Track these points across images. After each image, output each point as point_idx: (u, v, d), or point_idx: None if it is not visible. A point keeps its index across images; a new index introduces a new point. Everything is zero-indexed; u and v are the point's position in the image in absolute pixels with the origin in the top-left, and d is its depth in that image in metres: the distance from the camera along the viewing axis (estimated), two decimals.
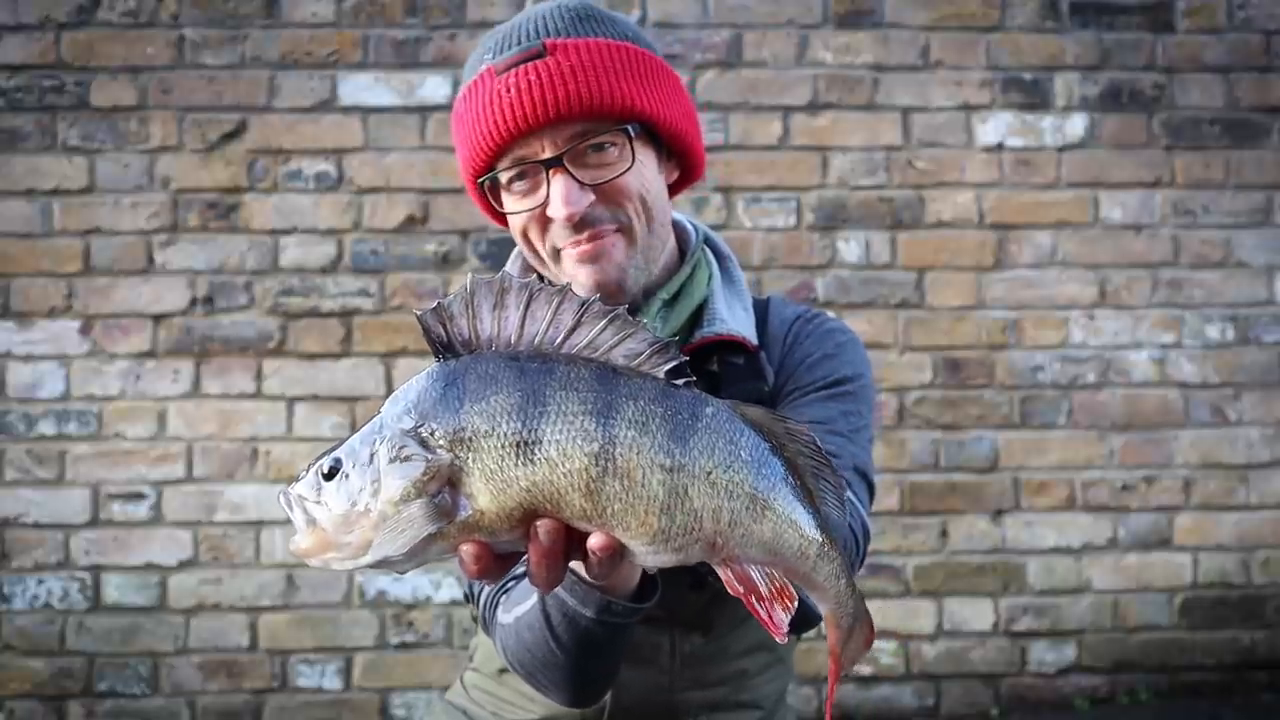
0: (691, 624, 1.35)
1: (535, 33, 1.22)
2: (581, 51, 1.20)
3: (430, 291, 3.12)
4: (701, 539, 0.88)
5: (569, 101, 1.18)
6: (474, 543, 0.87)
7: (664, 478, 0.86)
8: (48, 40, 3.09)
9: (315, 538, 0.87)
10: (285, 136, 3.12)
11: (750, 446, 0.89)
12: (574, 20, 1.23)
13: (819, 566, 0.91)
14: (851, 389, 1.34)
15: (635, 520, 0.86)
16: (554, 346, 0.88)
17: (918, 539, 3.17)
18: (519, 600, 1.14)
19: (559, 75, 1.18)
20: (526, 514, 0.86)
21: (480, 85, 1.23)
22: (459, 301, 0.88)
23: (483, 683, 1.49)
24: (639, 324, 0.89)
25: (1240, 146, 3.26)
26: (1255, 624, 3.21)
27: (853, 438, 1.30)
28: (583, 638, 1.08)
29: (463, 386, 0.86)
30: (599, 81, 1.19)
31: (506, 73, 1.20)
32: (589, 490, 0.85)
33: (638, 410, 0.86)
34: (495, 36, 1.26)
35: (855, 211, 3.21)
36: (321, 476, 0.87)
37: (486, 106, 1.21)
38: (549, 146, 1.20)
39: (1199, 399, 3.23)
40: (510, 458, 0.85)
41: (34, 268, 3.07)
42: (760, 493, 0.89)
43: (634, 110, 1.21)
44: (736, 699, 1.40)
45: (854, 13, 3.22)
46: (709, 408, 0.89)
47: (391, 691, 3.07)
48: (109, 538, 3.04)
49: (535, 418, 0.85)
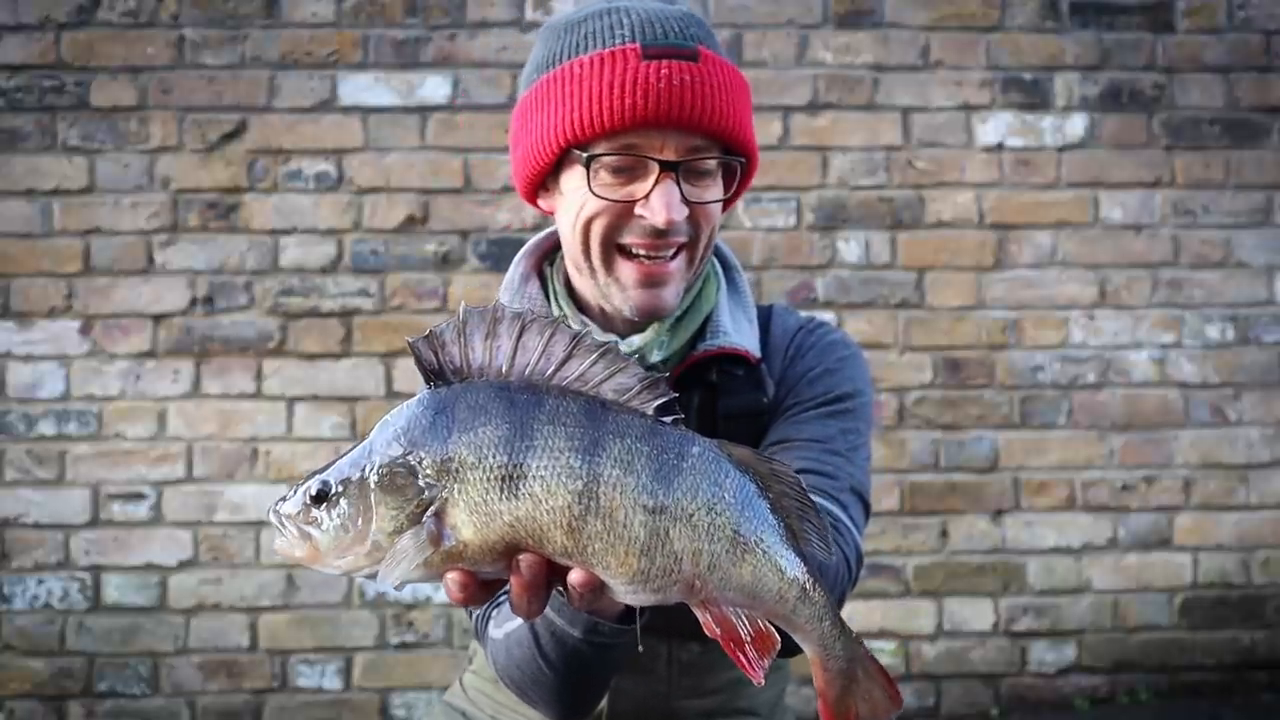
0: (688, 632, 1.34)
1: (683, 31, 1.20)
2: (725, 70, 1.20)
3: (430, 291, 3.12)
4: (680, 581, 0.88)
5: (713, 115, 1.17)
6: (459, 571, 0.87)
7: (646, 519, 0.86)
8: (48, 40, 3.09)
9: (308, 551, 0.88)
10: (285, 136, 3.12)
11: (735, 488, 0.89)
12: (705, 32, 1.23)
13: (799, 609, 0.90)
14: (851, 406, 1.33)
15: (615, 560, 0.86)
16: (544, 378, 0.88)
17: (918, 539, 3.17)
18: (510, 616, 1.14)
19: (710, 85, 1.17)
20: (509, 547, 0.86)
21: (617, 60, 1.17)
22: (451, 329, 0.88)
23: (482, 685, 1.49)
24: (630, 359, 0.90)
25: (1240, 146, 3.26)
26: (1255, 624, 3.21)
27: (850, 457, 1.29)
28: (571, 657, 1.07)
29: (452, 416, 0.86)
30: (734, 107, 1.20)
31: (658, 61, 1.17)
32: (570, 528, 0.85)
33: (623, 448, 0.86)
34: (631, 16, 1.20)
35: (855, 211, 3.21)
36: (310, 498, 0.87)
37: (628, 84, 1.16)
38: (671, 149, 1.18)
39: (1199, 399, 3.23)
40: (495, 491, 0.85)
41: (34, 268, 3.07)
42: (742, 535, 0.88)
43: (748, 145, 1.24)
44: (733, 706, 1.40)
45: (854, 13, 3.22)
46: (695, 447, 0.89)
47: (391, 691, 3.07)
48: (109, 538, 3.04)
49: (522, 452, 0.85)
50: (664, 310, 1.25)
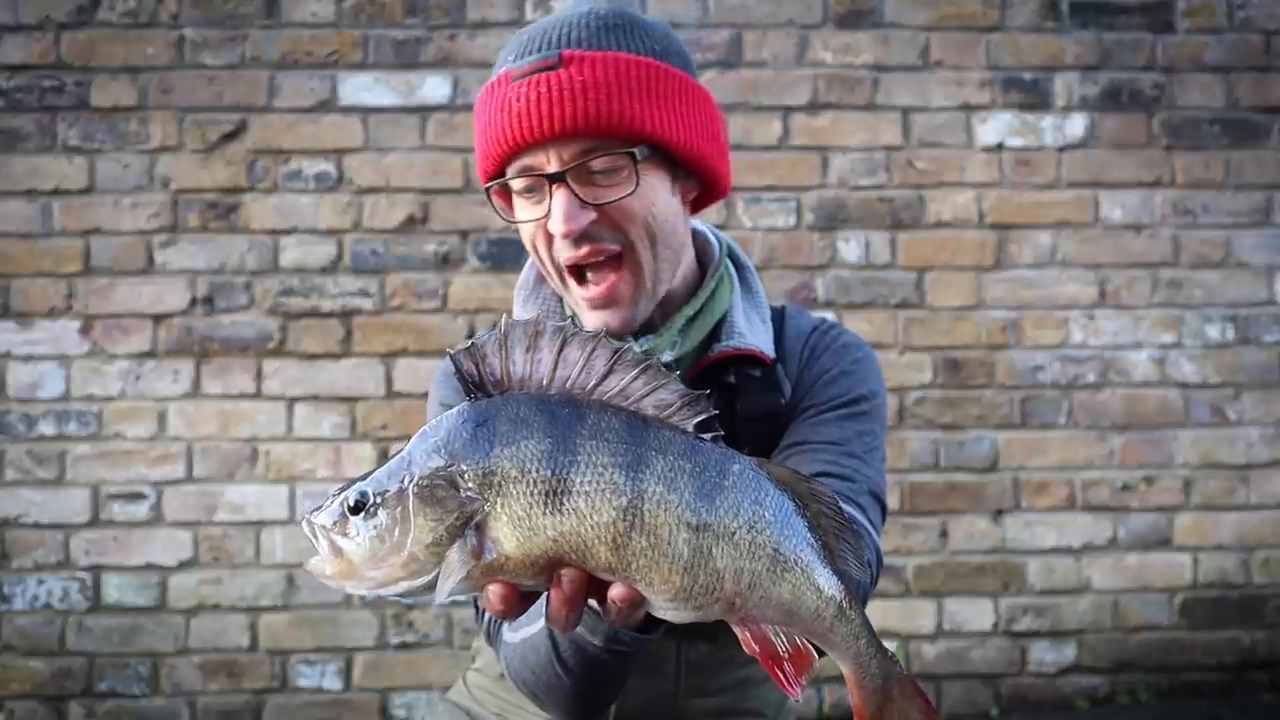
0: (698, 632, 1.34)
1: (557, 41, 1.20)
2: (597, 67, 1.17)
3: (430, 291, 3.12)
4: (721, 599, 0.87)
5: (575, 119, 1.16)
6: (502, 584, 0.87)
7: (689, 536, 0.86)
8: (48, 40, 3.09)
9: (340, 566, 0.87)
10: (285, 136, 3.12)
11: (775, 507, 0.89)
12: (600, 30, 1.20)
13: (836, 627, 0.90)
14: (867, 408, 1.33)
15: (659, 577, 0.86)
16: (585, 392, 0.88)
17: (918, 539, 3.17)
18: (526, 621, 1.13)
19: (569, 91, 1.16)
20: (551, 561, 0.86)
21: (497, 89, 1.21)
22: (492, 341, 0.87)
23: (486, 683, 1.49)
24: (672, 375, 0.89)
25: (1240, 146, 3.26)
26: (1255, 624, 3.21)
27: (867, 459, 1.29)
28: (589, 665, 1.07)
29: (493, 428, 0.86)
30: (609, 100, 1.17)
31: (521, 80, 1.18)
32: (615, 544, 0.85)
33: (667, 465, 0.86)
34: (520, 39, 1.24)
35: (855, 211, 3.21)
36: (347, 509, 0.86)
37: (499, 112, 1.19)
38: (555, 160, 1.18)
39: (1199, 399, 3.23)
40: (539, 505, 0.85)
41: (34, 268, 3.07)
42: (782, 554, 0.88)
43: (643, 132, 1.18)
44: (741, 706, 1.40)
45: (854, 13, 3.22)
46: (736, 464, 0.89)
47: (391, 692, 3.07)
48: (109, 538, 3.04)
49: (565, 466, 0.85)
50: (624, 328, 1.24)
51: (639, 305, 1.24)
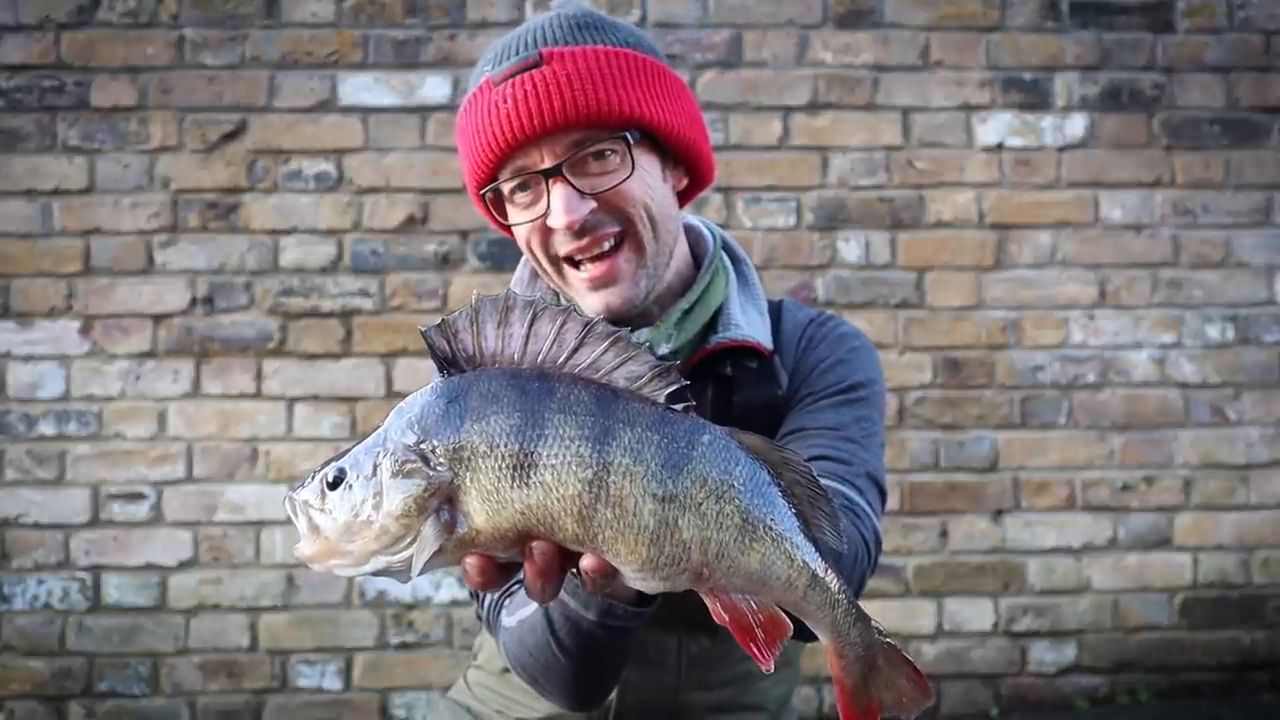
0: (699, 625, 1.35)
1: (533, 42, 1.22)
2: (579, 59, 1.20)
3: (430, 291, 3.12)
4: (689, 569, 0.88)
5: (565, 110, 1.17)
6: (478, 555, 0.88)
7: (655, 507, 0.86)
8: (48, 40, 3.09)
9: (319, 545, 0.89)
10: (285, 137, 3.12)
11: (745, 476, 0.89)
12: (573, 28, 1.23)
13: (810, 596, 0.90)
14: (864, 394, 1.33)
15: (625, 548, 0.87)
16: (556, 365, 0.88)
17: (918, 539, 3.17)
18: (523, 604, 1.15)
19: (555, 84, 1.18)
20: (521, 534, 0.87)
21: (479, 97, 1.23)
22: (464, 318, 0.88)
23: (488, 680, 1.49)
24: (641, 347, 0.90)
25: (1240, 146, 3.26)
26: (1255, 624, 3.21)
27: (865, 444, 1.29)
28: (585, 640, 1.08)
29: (464, 404, 0.87)
30: (596, 89, 1.19)
31: (504, 83, 1.19)
32: (581, 516, 0.86)
33: (634, 437, 0.86)
34: (495, 48, 1.26)
35: (855, 211, 3.21)
36: (326, 485, 0.88)
37: (485, 118, 1.21)
38: (548, 156, 1.20)
39: (1199, 399, 3.23)
40: (506, 479, 0.86)
41: (34, 268, 3.07)
42: (750, 523, 0.88)
43: (632, 117, 1.21)
44: (742, 701, 1.41)
45: (854, 13, 3.22)
46: (706, 435, 0.89)
47: (391, 692, 3.07)
48: (109, 538, 3.04)
49: (533, 440, 0.86)
50: (626, 306, 1.25)
51: (640, 283, 1.25)
